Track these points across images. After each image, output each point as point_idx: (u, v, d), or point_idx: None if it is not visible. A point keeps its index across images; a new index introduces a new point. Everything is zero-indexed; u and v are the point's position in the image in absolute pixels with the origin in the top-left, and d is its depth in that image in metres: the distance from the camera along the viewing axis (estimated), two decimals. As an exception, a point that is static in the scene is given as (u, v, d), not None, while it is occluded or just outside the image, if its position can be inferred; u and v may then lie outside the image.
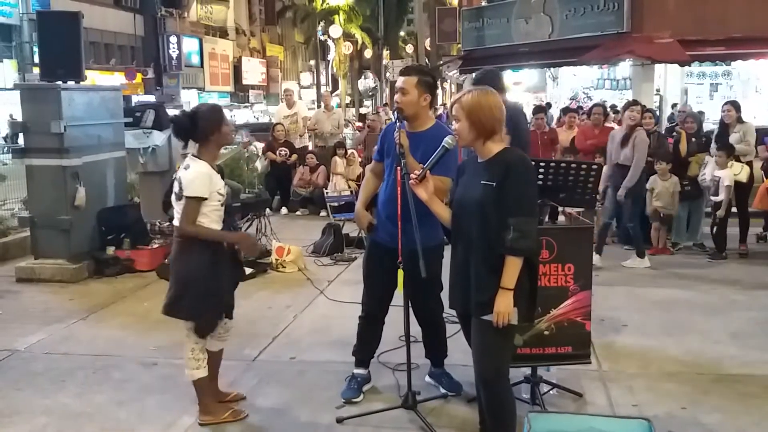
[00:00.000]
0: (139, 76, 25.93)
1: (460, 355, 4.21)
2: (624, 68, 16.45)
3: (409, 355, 3.81)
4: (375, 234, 4.05)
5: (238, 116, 28.83)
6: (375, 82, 47.68)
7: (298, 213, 10.59)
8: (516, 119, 4.91)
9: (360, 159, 11.03)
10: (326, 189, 10.19)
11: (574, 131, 9.39)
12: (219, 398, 3.95)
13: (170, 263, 3.80)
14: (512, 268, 2.97)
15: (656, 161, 7.67)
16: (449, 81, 36.29)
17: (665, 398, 4.08)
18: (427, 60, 30.60)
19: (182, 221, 3.61)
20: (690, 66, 15.12)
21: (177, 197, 3.67)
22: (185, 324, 3.74)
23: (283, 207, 10.76)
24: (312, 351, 4.89)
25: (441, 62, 27.61)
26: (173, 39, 27.74)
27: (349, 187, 10.17)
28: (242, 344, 4.78)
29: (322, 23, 40.70)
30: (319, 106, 19.64)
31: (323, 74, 45.59)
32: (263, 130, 18.18)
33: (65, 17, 7.27)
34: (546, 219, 4.45)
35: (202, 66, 35.41)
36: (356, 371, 4.18)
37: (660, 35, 13.85)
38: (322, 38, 42.59)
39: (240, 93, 40.18)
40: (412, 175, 3.23)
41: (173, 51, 27.61)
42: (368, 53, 44.69)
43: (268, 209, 8.87)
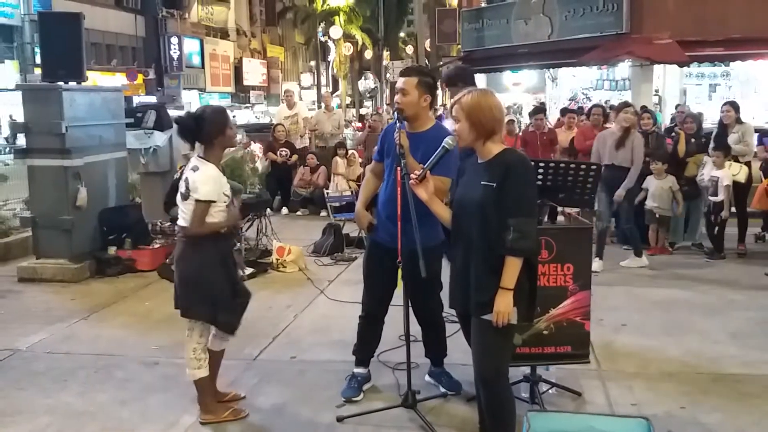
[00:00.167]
0: (141, 77, 25.95)
1: (460, 355, 4.22)
2: (623, 69, 16.47)
3: (409, 355, 3.83)
4: (375, 234, 4.06)
5: (239, 117, 28.82)
6: (375, 83, 47.70)
7: (299, 213, 10.62)
8: None
9: (360, 159, 11.05)
10: (327, 189, 10.20)
11: (574, 132, 9.41)
12: (217, 398, 3.96)
13: (174, 263, 3.81)
14: (512, 269, 2.98)
15: (652, 161, 7.68)
16: (449, 81, 36.22)
17: (664, 398, 4.09)
18: (427, 61, 30.59)
19: (192, 224, 3.62)
20: (689, 67, 15.14)
21: (183, 197, 3.68)
22: (188, 323, 3.76)
23: (284, 207, 10.79)
24: (312, 350, 4.90)
25: (441, 63, 27.62)
26: (174, 40, 27.79)
27: (350, 188, 10.19)
28: (243, 344, 4.78)
29: (323, 24, 40.74)
30: (320, 107, 19.66)
31: (324, 75, 45.61)
32: (259, 131, 18.20)
33: (66, 18, 7.30)
34: (545, 219, 4.46)
35: (203, 67, 35.41)
36: (356, 370, 4.19)
37: (659, 36, 13.88)
38: (323, 39, 42.62)
39: (241, 94, 40.18)
40: (412, 176, 3.24)
41: (174, 52, 27.65)
42: (368, 54, 44.74)
43: (269, 209, 8.89)
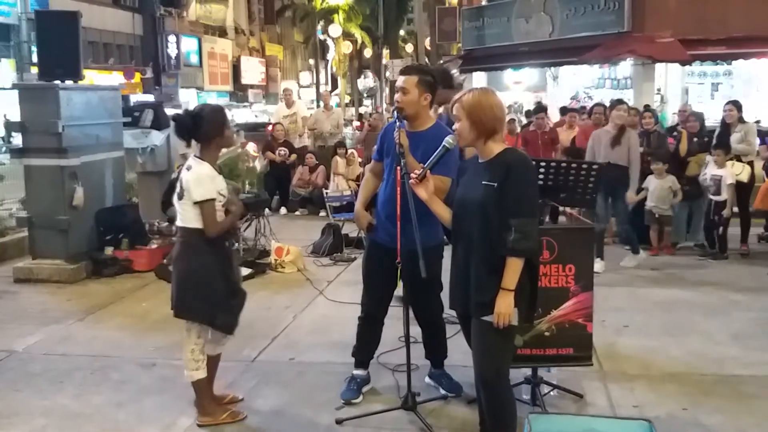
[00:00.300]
0: (138, 76, 25.90)
1: (460, 356, 4.19)
2: (625, 68, 16.43)
3: (409, 356, 3.80)
4: (375, 234, 4.03)
5: (237, 116, 28.79)
6: (374, 82, 47.70)
7: (297, 213, 10.58)
8: None
9: (360, 159, 11.01)
10: (326, 189, 10.17)
11: (575, 131, 9.38)
12: (215, 400, 3.93)
13: (172, 264, 3.78)
14: (513, 269, 2.96)
15: (653, 161, 7.62)
16: (449, 80, 36.23)
17: (666, 399, 4.06)
18: (427, 59, 30.56)
19: (207, 228, 3.60)
20: (691, 65, 15.11)
21: (179, 197, 3.67)
22: (185, 324, 3.73)
23: (282, 207, 10.74)
24: (311, 352, 4.87)
25: (441, 62, 27.60)
26: (172, 38, 27.63)
27: (349, 187, 10.15)
28: (241, 345, 4.75)
29: (322, 22, 40.71)
30: (319, 106, 19.64)
31: (322, 73, 45.59)
32: (254, 130, 18.18)
33: (64, 17, 7.25)
34: (546, 219, 4.43)
35: (201, 65, 35.40)
36: (356, 372, 4.16)
37: (661, 34, 13.85)
38: (322, 37, 42.60)
39: (239, 92, 40.16)
40: (412, 175, 3.22)
41: (172, 50, 27.51)
42: (368, 52, 44.70)
43: (267, 209, 8.85)
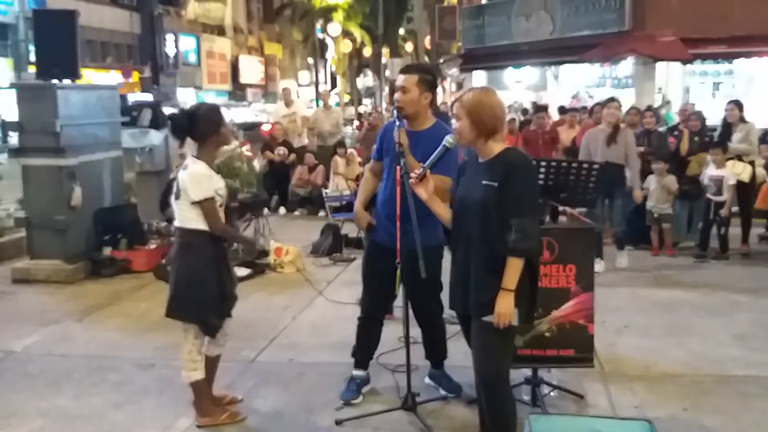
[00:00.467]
0: (136, 75, 25.82)
1: (460, 357, 4.17)
2: (626, 66, 16.43)
3: (409, 357, 3.79)
4: (374, 234, 4.02)
5: (237, 115, 28.79)
6: (374, 81, 47.66)
7: (297, 213, 10.56)
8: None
9: (360, 159, 10.99)
10: (325, 189, 10.14)
11: (575, 130, 9.36)
12: (214, 401, 3.91)
13: (170, 264, 3.76)
14: (513, 269, 2.94)
15: (654, 160, 7.59)
16: (449, 79, 36.29)
17: (667, 400, 4.05)
18: (427, 58, 30.59)
19: (211, 226, 3.59)
20: (692, 64, 15.10)
21: (175, 196, 3.66)
22: (182, 325, 3.71)
23: (282, 207, 10.71)
24: (311, 352, 4.86)
25: (441, 60, 27.62)
26: (170, 37, 27.59)
27: (349, 187, 10.13)
28: (240, 345, 4.74)
29: (321, 21, 40.65)
30: (318, 105, 19.61)
31: (322, 73, 45.53)
32: (249, 129, 18.15)
33: (61, 15, 7.23)
34: (547, 219, 4.41)
35: (200, 64, 35.37)
36: (355, 372, 4.14)
37: (662, 33, 13.84)
38: (321, 36, 42.52)
39: (238, 91, 40.13)
40: (412, 175, 3.20)
41: (170, 49, 27.44)
42: (367, 51, 44.61)
43: (266, 209, 8.83)
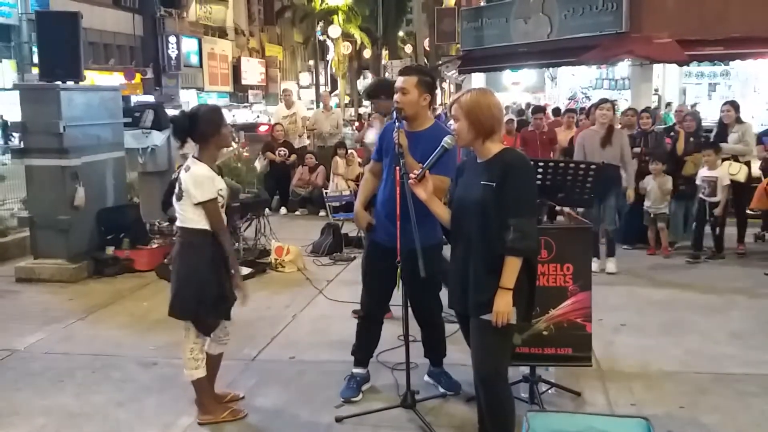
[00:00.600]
0: (138, 76, 25.88)
1: (459, 355, 4.22)
2: (623, 68, 16.47)
3: (408, 355, 3.81)
4: (374, 234, 4.05)
5: (238, 116, 28.81)
6: (374, 82, 47.64)
7: (297, 213, 10.59)
8: None
9: (360, 159, 11.01)
10: (325, 189, 10.18)
11: (573, 131, 9.41)
12: (216, 399, 3.94)
13: (172, 263, 3.80)
14: (512, 268, 2.97)
15: (651, 161, 7.63)
16: (448, 81, 36.31)
17: (664, 398, 4.08)
18: (426, 60, 30.58)
19: (213, 226, 3.63)
20: (688, 66, 15.13)
21: (177, 197, 3.68)
22: (184, 324, 3.74)
23: (282, 207, 10.76)
24: (311, 351, 4.89)
25: (440, 62, 27.63)
26: (172, 39, 27.60)
27: (349, 187, 10.17)
28: (241, 344, 4.77)
29: (321, 23, 40.71)
30: (318, 106, 19.63)
31: (322, 74, 45.58)
32: (245, 129, 18.16)
33: (64, 17, 7.26)
34: (545, 219, 4.45)
35: (201, 66, 35.40)
36: (355, 371, 4.18)
37: (658, 35, 13.86)
38: (321, 38, 42.58)
39: (239, 93, 40.15)
40: (411, 175, 3.24)
41: (172, 51, 27.49)
42: (367, 53, 44.69)
43: (267, 209, 8.87)
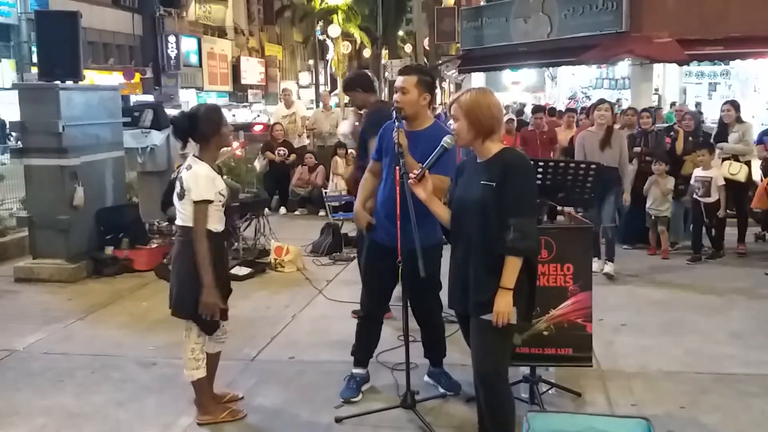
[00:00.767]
0: (138, 76, 25.86)
1: (459, 355, 4.22)
2: (623, 68, 16.48)
3: (408, 355, 3.81)
4: (374, 234, 4.05)
5: (238, 116, 28.79)
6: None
7: (297, 213, 10.59)
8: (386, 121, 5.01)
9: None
10: (325, 189, 10.18)
11: (573, 130, 9.40)
12: (215, 399, 3.94)
13: (171, 263, 3.79)
14: (512, 268, 2.97)
15: (654, 161, 7.62)
16: (448, 81, 36.35)
17: (664, 398, 4.07)
18: (426, 60, 30.59)
19: (195, 227, 3.60)
20: (689, 65, 15.13)
21: (179, 197, 3.68)
22: (185, 324, 3.74)
23: (282, 207, 10.75)
24: (311, 351, 4.88)
25: (440, 62, 27.64)
26: (172, 39, 27.62)
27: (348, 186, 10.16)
28: (241, 344, 4.77)
29: (321, 23, 40.72)
30: (318, 106, 19.63)
31: (322, 74, 45.58)
32: (242, 129, 18.13)
33: (63, 17, 7.26)
34: (545, 218, 4.44)
35: (201, 65, 35.40)
36: (355, 371, 4.17)
37: (659, 35, 13.86)
38: (321, 38, 42.59)
39: (239, 93, 40.16)
40: (411, 175, 3.23)
41: (172, 50, 27.51)
42: (367, 53, 44.68)
43: (267, 209, 8.86)
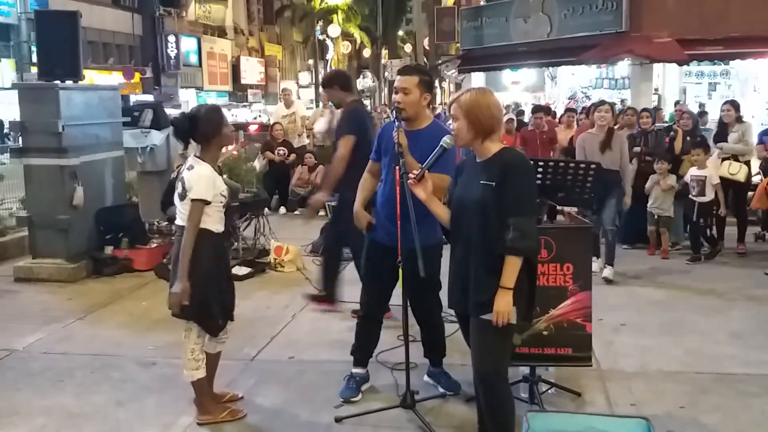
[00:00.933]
0: (138, 76, 25.85)
1: (459, 355, 4.22)
2: (622, 67, 16.44)
3: (408, 355, 3.81)
4: (374, 234, 4.05)
5: (239, 116, 28.80)
6: (373, 82, 47.72)
7: (297, 212, 10.59)
8: (361, 121, 5.23)
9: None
10: (325, 188, 10.17)
11: (573, 130, 9.40)
12: (215, 399, 3.94)
13: (171, 263, 3.79)
14: (512, 268, 2.97)
15: (656, 161, 7.62)
16: (448, 80, 36.35)
17: (664, 398, 4.08)
18: (426, 59, 30.60)
19: (187, 220, 3.60)
20: (688, 65, 15.11)
21: (180, 197, 3.68)
22: (185, 324, 3.74)
23: (282, 206, 10.75)
24: (311, 350, 4.89)
25: (440, 62, 27.64)
26: (171, 38, 27.59)
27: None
28: (241, 344, 4.77)
29: (321, 22, 40.73)
30: (318, 106, 19.63)
31: (322, 74, 45.53)
32: (238, 129, 18.08)
33: (63, 16, 7.26)
34: (544, 218, 4.44)
35: (201, 65, 35.36)
36: (355, 371, 4.17)
37: (658, 34, 13.84)
38: (321, 37, 42.59)
39: (238, 92, 40.14)
40: (411, 175, 3.23)
41: (171, 50, 27.48)
42: (367, 53, 44.76)
43: (267, 209, 8.86)
